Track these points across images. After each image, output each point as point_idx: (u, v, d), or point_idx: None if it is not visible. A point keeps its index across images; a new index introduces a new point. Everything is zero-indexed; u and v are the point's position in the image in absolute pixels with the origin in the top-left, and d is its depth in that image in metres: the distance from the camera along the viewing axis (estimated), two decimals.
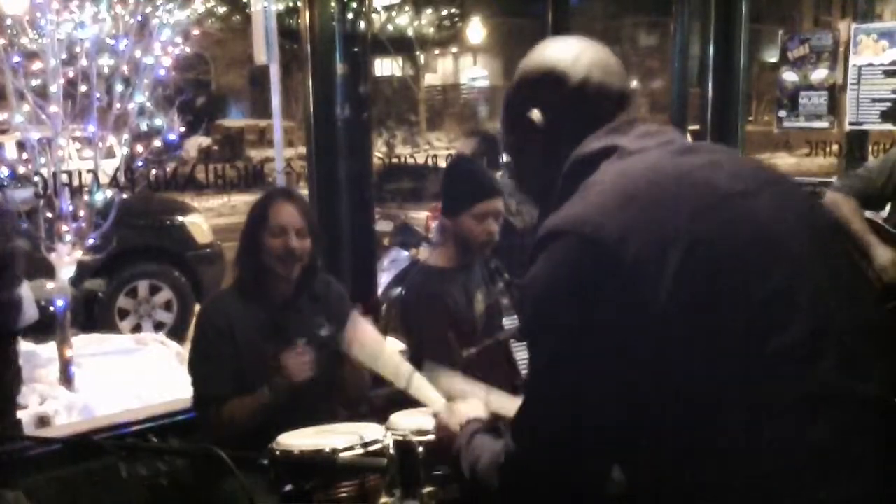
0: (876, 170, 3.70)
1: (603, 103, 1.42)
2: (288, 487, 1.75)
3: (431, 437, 1.87)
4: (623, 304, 1.20)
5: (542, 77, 1.45)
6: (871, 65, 4.51)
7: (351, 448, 1.88)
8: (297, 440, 1.96)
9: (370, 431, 1.98)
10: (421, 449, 1.91)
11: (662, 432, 1.23)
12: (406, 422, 2.02)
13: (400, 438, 1.95)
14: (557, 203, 1.33)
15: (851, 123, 4.64)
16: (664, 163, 1.33)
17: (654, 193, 1.26)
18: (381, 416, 2.16)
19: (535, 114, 1.45)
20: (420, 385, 1.91)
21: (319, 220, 3.11)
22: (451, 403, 1.76)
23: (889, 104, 4.48)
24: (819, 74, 4.72)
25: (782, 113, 4.87)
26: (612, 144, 1.37)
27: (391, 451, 1.93)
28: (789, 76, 4.81)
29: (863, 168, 3.85)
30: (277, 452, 1.89)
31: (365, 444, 1.90)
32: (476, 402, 1.74)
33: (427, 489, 1.91)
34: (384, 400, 2.52)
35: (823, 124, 4.78)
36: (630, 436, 1.26)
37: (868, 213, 3.69)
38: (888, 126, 4.57)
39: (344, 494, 1.84)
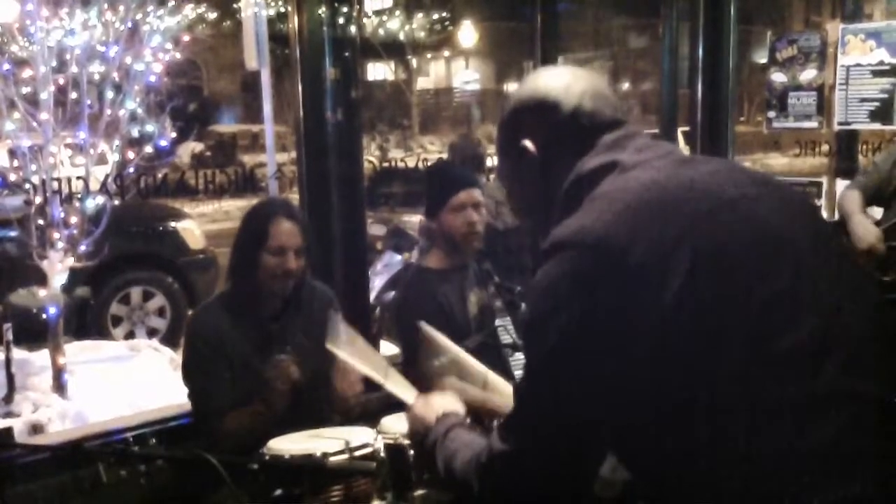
0: (881, 162, 3.76)
1: (595, 130, 1.43)
2: (278, 492, 1.76)
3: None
4: (625, 309, 1.21)
5: (535, 107, 1.47)
6: (858, 65, 4.53)
7: (341, 452, 1.88)
8: (288, 445, 1.96)
9: (361, 435, 1.99)
10: (412, 452, 1.92)
11: (663, 434, 1.23)
12: (397, 425, 2.03)
13: (391, 442, 1.96)
14: (559, 219, 1.35)
15: (840, 123, 4.66)
16: (665, 174, 1.34)
17: (657, 203, 1.28)
18: (372, 420, 2.16)
19: (528, 143, 1.47)
20: (396, 380, 1.91)
21: (311, 225, 3.11)
22: (426, 396, 1.75)
23: (877, 104, 4.50)
24: (807, 75, 4.74)
25: (772, 113, 4.88)
26: (612, 160, 1.38)
27: (382, 454, 1.93)
28: (778, 77, 4.83)
29: (872, 164, 3.90)
30: (268, 457, 1.89)
31: (355, 448, 1.91)
32: (452, 396, 1.74)
33: (418, 492, 1.91)
34: (376, 404, 2.52)
35: (813, 124, 4.80)
36: (627, 439, 1.28)
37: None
38: (877, 126, 4.59)
39: (335, 498, 1.84)
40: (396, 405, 2.01)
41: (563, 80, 1.47)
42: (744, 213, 1.28)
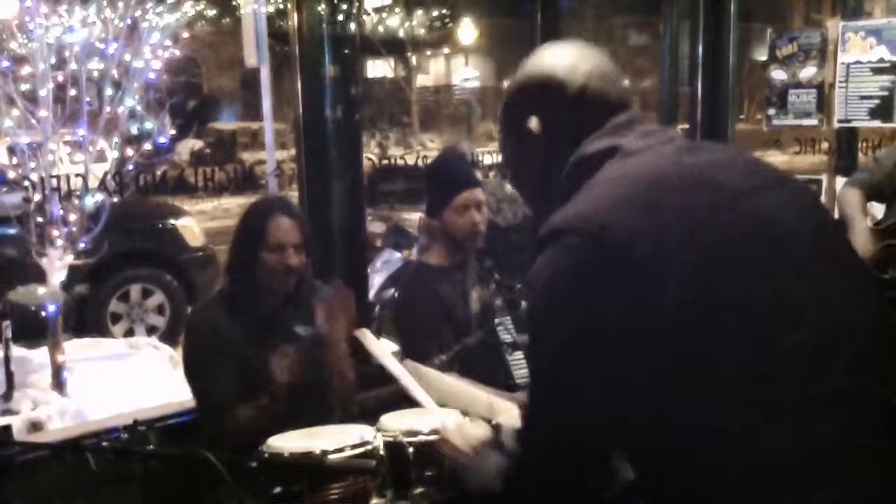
0: (884, 159, 3.75)
1: (601, 110, 1.42)
2: (278, 490, 1.75)
3: (422, 438, 1.88)
4: (627, 303, 1.20)
5: (541, 85, 1.45)
6: (859, 62, 4.52)
7: (341, 450, 1.88)
8: (287, 442, 1.96)
9: (360, 433, 1.98)
10: (411, 450, 1.92)
11: (664, 432, 1.23)
12: (396, 423, 2.03)
13: (390, 440, 1.96)
14: (560, 203, 1.33)
15: (840, 121, 4.65)
16: (667, 162, 1.33)
17: (660, 194, 1.26)
18: (372, 417, 2.16)
19: (533, 121, 1.45)
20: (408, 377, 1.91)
21: (310, 222, 3.11)
22: (460, 424, 1.78)
23: (877, 101, 4.49)
24: (807, 72, 4.73)
25: (771, 111, 4.87)
26: (614, 145, 1.37)
27: (381, 452, 1.93)
28: (778, 74, 4.82)
29: (873, 160, 3.89)
30: (267, 455, 1.89)
31: (355, 446, 1.90)
32: (483, 423, 1.74)
33: (418, 490, 1.91)
34: (375, 402, 2.52)
35: (813, 122, 4.79)
36: (633, 433, 1.27)
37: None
38: (877, 123, 4.58)
39: (334, 496, 1.84)
40: (395, 403, 2.01)
41: (569, 59, 1.45)
42: (748, 210, 1.27)
